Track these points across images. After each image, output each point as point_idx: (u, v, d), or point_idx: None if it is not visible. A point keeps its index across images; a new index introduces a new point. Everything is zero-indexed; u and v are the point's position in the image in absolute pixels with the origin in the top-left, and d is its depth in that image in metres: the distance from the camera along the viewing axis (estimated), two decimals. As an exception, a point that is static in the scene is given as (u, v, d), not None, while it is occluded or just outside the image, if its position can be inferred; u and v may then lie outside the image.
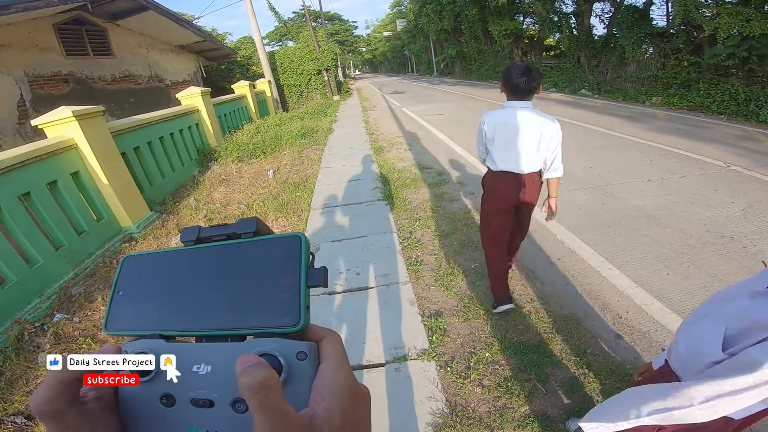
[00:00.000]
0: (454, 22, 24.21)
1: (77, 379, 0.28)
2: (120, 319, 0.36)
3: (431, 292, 2.85)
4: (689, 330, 1.08)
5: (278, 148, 7.54)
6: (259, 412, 0.23)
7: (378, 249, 3.45)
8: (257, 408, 0.23)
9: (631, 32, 10.64)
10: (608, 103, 10.25)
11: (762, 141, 5.70)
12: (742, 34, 7.72)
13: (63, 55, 7.93)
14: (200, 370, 0.31)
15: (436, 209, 4.25)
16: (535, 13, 15.89)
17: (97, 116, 4.10)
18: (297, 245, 0.33)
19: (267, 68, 13.96)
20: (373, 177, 5.47)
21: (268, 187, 5.48)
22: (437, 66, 32.56)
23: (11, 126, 6.81)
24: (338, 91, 18.49)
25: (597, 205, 3.99)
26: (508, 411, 1.87)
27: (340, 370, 0.29)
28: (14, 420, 2.11)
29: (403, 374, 2.11)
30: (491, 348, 2.25)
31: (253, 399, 0.23)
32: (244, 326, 0.32)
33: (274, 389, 0.24)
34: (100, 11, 8.29)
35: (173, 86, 11.32)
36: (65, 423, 0.27)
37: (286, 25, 34.42)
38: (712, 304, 1.09)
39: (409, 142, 7.67)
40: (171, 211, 4.96)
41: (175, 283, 0.35)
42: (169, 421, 0.30)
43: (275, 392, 0.24)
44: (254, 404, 0.23)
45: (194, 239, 0.37)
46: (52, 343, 2.67)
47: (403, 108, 13.30)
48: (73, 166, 3.80)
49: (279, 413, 0.24)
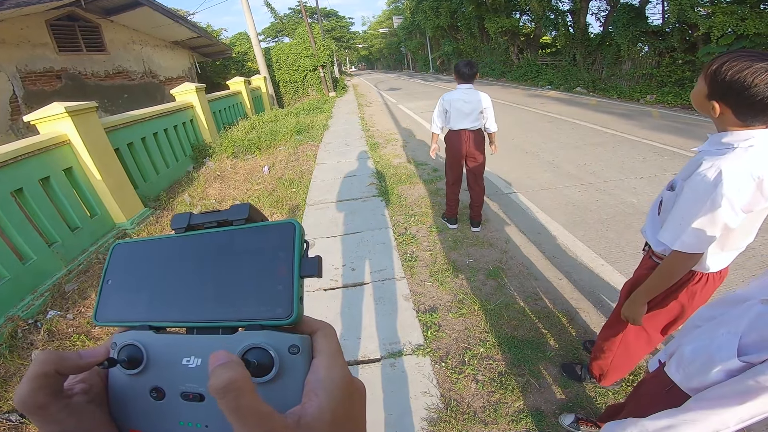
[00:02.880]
0: (451, 19, 24.18)
1: (57, 371, 0.27)
2: (109, 309, 0.35)
3: (426, 287, 2.86)
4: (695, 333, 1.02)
5: (273, 144, 7.52)
6: (230, 415, 0.22)
7: (373, 245, 3.45)
8: (228, 411, 0.22)
9: (626, 30, 10.66)
10: (603, 101, 10.29)
11: (754, 139, 5.75)
12: (737, 33, 7.77)
13: (56, 51, 7.84)
14: (190, 363, 0.30)
15: (432, 205, 4.26)
16: (531, 11, 15.90)
17: (90, 112, 4.06)
18: (291, 233, 0.32)
19: (262, 64, 13.88)
20: (369, 173, 5.47)
21: (264, 183, 5.46)
22: (433, 63, 32.48)
23: (3, 122, 6.74)
24: (334, 88, 18.44)
25: (590, 201, 4.02)
26: (502, 406, 1.89)
27: (335, 365, 0.28)
28: (8, 418, 2.10)
29: (398, 370, 2.12)
30: (485, 343, 2.27)
31: (222, 402, 0.22)
32: (235, 318, 0.30)
33: (244, 390, 0.22)
34: (93, 7, 8.19)
35: (167, 82, 11.23)
36: (49, 417, 0.27)
37: (282, 21, 34.23)
38: (718, 307, 1.05)
39: (404, 139, 7.67)
40: (165, 207, 4.94)
41: (165, 272, 0.34)
42: (159, 414, 0.30)
43: (246, 393, 0.22)
44: (224, 407, 0.22)
45: (185, 226, 0.36)
46: (46, 341, 2.66)
47: (399, 105, 13.29)
48: (65, 162, 3.77)
49: (255, 415, 0.22)
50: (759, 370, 0.80)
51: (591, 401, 1.87)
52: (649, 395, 1.17)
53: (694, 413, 0.89)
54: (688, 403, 0.93)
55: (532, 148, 6.19)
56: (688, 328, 1.12)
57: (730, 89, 1.03)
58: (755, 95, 0.99)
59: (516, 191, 4.52)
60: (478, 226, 3.68)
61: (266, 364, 0.28)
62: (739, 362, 0.84)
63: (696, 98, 1.16)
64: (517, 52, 18.85)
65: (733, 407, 0.82)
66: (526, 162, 5.56)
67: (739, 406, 0.82)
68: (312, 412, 0.25)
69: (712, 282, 1.36)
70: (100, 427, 0.30)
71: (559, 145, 6.19)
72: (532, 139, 6.75)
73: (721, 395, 0.85)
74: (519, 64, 18.29)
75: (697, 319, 1.11)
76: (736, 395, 0.82)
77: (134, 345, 0.31)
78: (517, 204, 4.19)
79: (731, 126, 1.10)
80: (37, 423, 0.27)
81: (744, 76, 1.00)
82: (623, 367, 1.73)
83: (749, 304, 0.89)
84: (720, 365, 0.87)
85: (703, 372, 0.91)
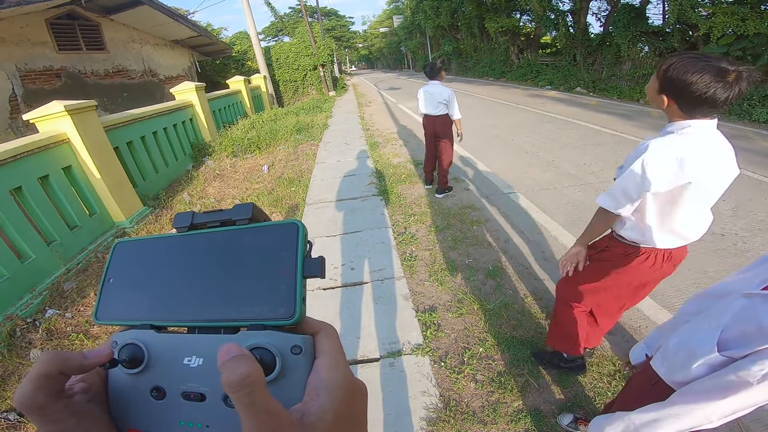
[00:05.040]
0: (451, 19, 24.16)
1: (60, 372, 0.27)
2: (110, 307, 0.35)
3: (425, 287, 2.86)
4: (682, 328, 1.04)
5: (273, 143, 7.51)
6: (243, 410, 0.22)
7: (373, 244, 3.45)
8: (241, 406, 0.22)
9: (627, 31, 10.66)
10: (603, 101, 10.29)
11: (754, 140, 5.75)
12: (737, 33, 7.76)
13: (55, 50, 7.82)
14: (192, 362, 0.30)
15: (431, 205, 4.26)
16: (532, 11, 15.89)
17: (90, 111, 4.05)
18: (294, 233, 0.32)
19: (262, 63, 13.87)
20: (369, 172, 5.46)
21: (263, 182, 5.46)
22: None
23: (3, 121, 6.72)
24: (334, 87, 18.43)
25: (590, 201, 4.01)
26: (501, 406, 1.89)
27: (337, 365, 0.28)
28: (7, 417, 2.09)
29: (397, 369, 2.12)
30: (485, 343, 2.27)
31: (236, 396, 0.22)
32: (237, 318, 0.30)
33: (257, 385, 0.23)
34: (93, 6, 8.17)
35: (167, 81, 11.21)
36: (49, 417, 0.27)
37: (282, 20, 34.22)
38: (704, 300, 1.06)
39: (404, 138, 7.67)
40: (164, 206, 4.94)
41: (167, 271, 0.34)
42: (159, 414, 0.30)
43: (259, 389, 0.23)
44: (237, 402, 0.22)
45: (188, 225, 0.36)
46: (44, 339, 2.65)
47: (398, 104, 13.29)
48: (65, 160, 3.77)
49: (264, 411, 0.23)
50: (740, 365, 0.81)
51: (590, 401, 1.87)
52: (636, 389, 1.20)
53: (678, 407, 0.91)
54: (672, 397, 0.95)
55: (532, 148, 6.19)
56: (677, 323, 1.13)
57: (674, 85, 1.20)
58: (694, 91, 1.16)
59: (516, 191, 4.52)
60: (441, 193, 4.51)
61: (269, 364, 0.28)
62: (720, 357, 0.85)
63: (649, 92, 1.33)
64: (518, 52, 18.84)
65: (715, 402, 0.84)
66: (526, 162, 5.55)
67: (721, 401, 0.83)
68: (314, 412, 0.25)
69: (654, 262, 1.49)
70: (99, 426, 0.30)
71: (559, 145, 6.18)
72: (532, 139, 6.75)
73: (704, 389, 0.87)
74: (519, 64, 18.28)
75: (684, 314, 1.13)
76: (719, 390, 0.84)
77: (135, 344, 0.31)
78: (516, 204, 4.18)
79: (676, 117, 1.27)
80: (37, 423, 0.27)
81: (686, 75, 1.16)
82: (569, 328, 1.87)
83: (732, 298, 0.90)
84: (702, 359, 0.88)
85: (685, 366, 0.93)
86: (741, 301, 0.85)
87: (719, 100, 1.15)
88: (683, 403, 0.90)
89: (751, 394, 0.79)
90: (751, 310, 0.82)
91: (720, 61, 1.13)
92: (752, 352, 0.79)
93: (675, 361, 0.98)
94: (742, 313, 0.84)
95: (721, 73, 1.12)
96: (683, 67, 1.17)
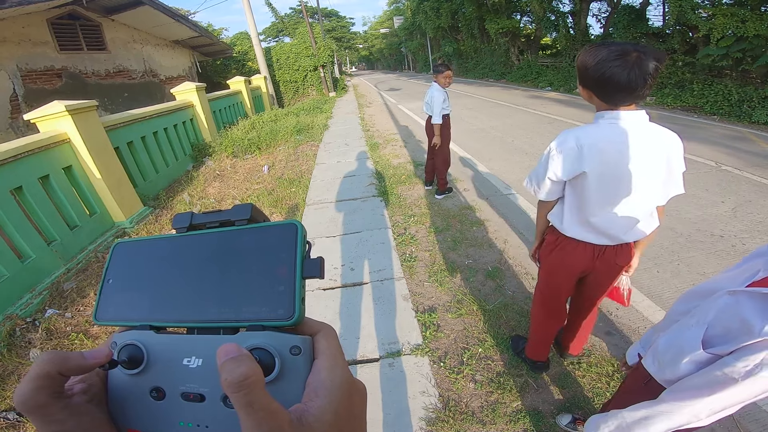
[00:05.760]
0: (451, 20, 24.19)
1: (60, 372, 0.27)
2: (110, 308, 0.35)
3: (425, 287, 2.86)
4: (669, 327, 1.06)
5: (273, 143, 7.52)
6: (242, 410, 0.22)
7: (372, 245, 3.45)
8: (240, 406, 0.22)
9: (627, 32, 10.67)
10: (603, 102, 10.28)
11: (754, 141, 5.76)
12: (737, 35, 7.77)
13: (56, 50, 7.84)
14: (191, 363, 0.30)
15: (431, 206, 4.27)
16: (532, 12, 15.93)
17: (91, 111, 4.06)
18: (293, 234, 0.31)
19: (263, 64, 13.88)
20: (368, 173, 5.47)
21: (263, 183, 5.47)
22: (434, 63, 32.49)
23: (3, 120, 6.73)
24: (334, 88, 18.43)
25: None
26: (500, 406, 1.89)
27: (336, 366, 0.28)
28: (6, 416, 2.09)
29: (396, 369, 2.12)
30: (484, 344, 2.27)
31: (235, 397, 0.22)
32: (236, 318, 0.30)
33: (257, 386, 0.23)
34: (94, 6, 8.19)
35: (168, 81, 11.22)
36: (49, 417, 0.27)
37: (282, 21, 34.26)
38: (692, 299, 1.07)
39: (404, 139, 7.67)
40: (164, 206, 4.94)
41: (167, 272, 0.34)
42: (159, 415, 0.30)
43: (258, 389, 0.23)
44: (237, 402, 0.23)
45: (187, 226, 0.36)
46: (44, 339, 2.65)
47: (399, 105, 13.30)
48: (65, 160, 3.77)
49: (264, 410, 0.23)
50: (726, 361, 0.82)
51: (588, 401, 1.88)
52: (629, 388, 1.22)
53: (668, 405, 0.92)
54: (663, 395, 0.96)
55: (532, 149, 6.20)
56: (668, 323, 1.14)
57: (583, 74, 1.20)
58: (595, 73, 1.14)
59: (515, 192, 4.52)
60: (441, 195, 4.49)
61: (268, 364, 0.28)
62: (705, 354, 0.86)
63: (579, 89, 1.31)
64: (518, 53, 18.87)
65: (703, 399, 0.85)
66: (526, 163, 5.56)
67: (708, 398, 0.84)
68: (313, 413, 0.25)
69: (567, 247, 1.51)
70: (99, 427, 0.30)
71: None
72: (532, 140, 6.76)
73: (692, 387, 0.88)
74: (519, 66, 18.28)
75: (674, 313, 1.14)
76: (706, 387, 0.84)
77: (135, 345, 0.31)
78: (516, 204, 4.19)
79: (602, 108, 1.25)
80: (36, 423, 0.27)
81: (586, 58, 1.15)
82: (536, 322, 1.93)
83: (717, 296, 0.91)
84: (688, 357, 0.90)
85: (674, 363, 0.94)
86: (725, 299, 0.87)
87: (621, 81, 1.12)
88: (672, 400, 0.91)
89: (737, 391, 0.80)
90: (734, 306, 0.83)
91: (625, 45, 1.11)
92: (736, 348, 0.80)
93: (664, 360, 0.99)
94: (726, 309, 0.85)
95: (618, 52, 1.11)
96: (585, 53, 1.19)
